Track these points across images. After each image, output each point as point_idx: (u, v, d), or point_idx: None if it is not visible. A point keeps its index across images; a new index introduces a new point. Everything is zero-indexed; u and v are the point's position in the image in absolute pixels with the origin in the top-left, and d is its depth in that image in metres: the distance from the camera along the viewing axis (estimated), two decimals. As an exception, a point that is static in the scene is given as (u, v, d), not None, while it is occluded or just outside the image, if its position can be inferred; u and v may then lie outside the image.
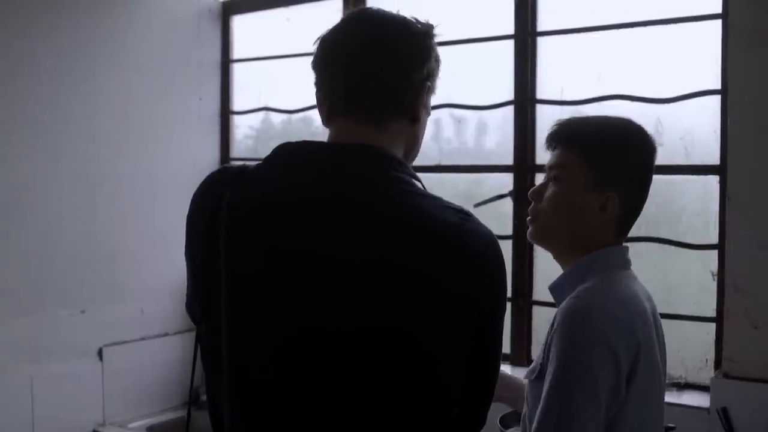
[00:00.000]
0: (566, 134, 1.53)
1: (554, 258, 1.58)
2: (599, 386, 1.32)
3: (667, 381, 2.55)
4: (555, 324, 1.39)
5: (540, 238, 1.56)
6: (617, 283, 1.45)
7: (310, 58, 1.26)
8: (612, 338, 1.33)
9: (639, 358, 1.36)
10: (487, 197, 2.96)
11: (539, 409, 1.34)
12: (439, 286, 1.10)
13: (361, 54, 1.20)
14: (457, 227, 1.12)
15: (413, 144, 1.27)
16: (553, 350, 1.35)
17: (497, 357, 1.22)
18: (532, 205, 1.55)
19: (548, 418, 1.32)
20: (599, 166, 1.48)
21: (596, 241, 1.49)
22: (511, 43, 2.95)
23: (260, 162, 1.21)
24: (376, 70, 1.20)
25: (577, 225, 1.49)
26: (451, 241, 1.11)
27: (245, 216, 1.15)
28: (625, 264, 1.52)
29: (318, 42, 1.24)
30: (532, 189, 1.56)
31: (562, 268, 1.55)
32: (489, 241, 1.16)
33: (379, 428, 1.12)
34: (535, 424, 1.34)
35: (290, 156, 1.20)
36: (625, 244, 1.56)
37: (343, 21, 1.25)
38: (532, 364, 1.47)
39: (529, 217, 1.55)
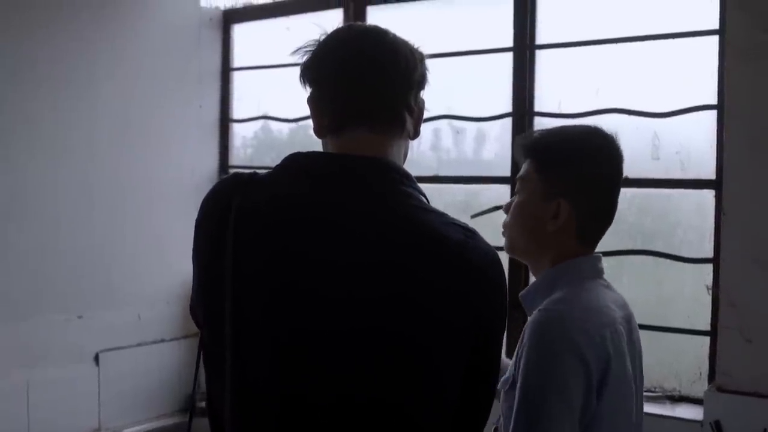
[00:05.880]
0: (525, 146, 1.54)
1: (531, 272, 1.59)
2: (572, 393, 1.32)
3: (660, 393, 2.60)
4: (524, 336, 1.39)
5: (509, 250, 1.59)
6: (586, 294, 1.44)
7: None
8: (582, 348, 1.33)
9: (609, 369, 1.36)
10: (484, 208, 2.96)
11: (513, 417, 1.34)
12: (439, 291, 1.11)
13: (369, 68, 1.20)
14: (461, 243, 1.13)
15: (406, 158, 1.30)
16: (524, 360, 1.36)
17: (496, 371, 1.22)
18: (506, 218, 1.57)
19: (522, 424, 1.32)
20: (550, 175, 1.49)
21: (561, 250, 1.49)
22: (509, 55, 2.97)
23: (271, 170, 1.23)
24: (385, 85, 1.21)
25: (536, 234, 1.50)
26: (454, 254, 1.12)
27: (252, 222, 1.16)
28: (596, 273, 1.51)
29: (313, 53, 1.23)
30: (506, 202, 1.57)
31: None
32: (492, 258, 1.17)
33: None
34: None
35: (300, 165, 1.21)
36: (598, 253, 1.54)
37: (344, 35, 1.25)
38: (505, 375, 1.47)
39: (502, 230, 1.57)
